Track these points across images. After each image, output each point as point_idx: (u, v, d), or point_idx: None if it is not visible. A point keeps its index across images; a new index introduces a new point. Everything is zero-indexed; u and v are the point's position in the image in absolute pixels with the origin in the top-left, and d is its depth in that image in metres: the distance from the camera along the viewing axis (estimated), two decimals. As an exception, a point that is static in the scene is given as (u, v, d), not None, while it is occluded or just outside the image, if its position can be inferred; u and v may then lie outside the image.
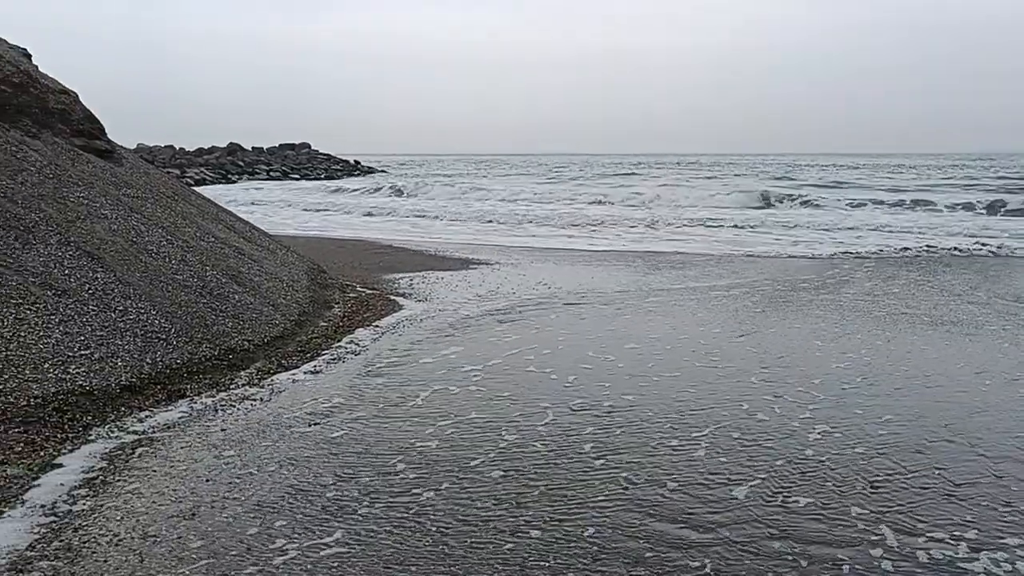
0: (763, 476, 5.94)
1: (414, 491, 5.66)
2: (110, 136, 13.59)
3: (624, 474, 5.97)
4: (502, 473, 5.98)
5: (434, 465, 6.14)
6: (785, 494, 5.64)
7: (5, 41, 13.50)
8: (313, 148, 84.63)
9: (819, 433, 6.87)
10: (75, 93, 13.32)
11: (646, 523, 5.19)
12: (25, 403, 6.83)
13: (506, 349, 9.78)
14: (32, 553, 4.70)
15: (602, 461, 6.22)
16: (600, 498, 5.56)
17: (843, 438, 6.75)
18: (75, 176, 11.24)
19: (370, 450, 6.46)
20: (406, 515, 5.28)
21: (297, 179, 65.37)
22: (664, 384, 8.32)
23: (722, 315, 11.88)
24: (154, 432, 6.86)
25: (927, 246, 21.44)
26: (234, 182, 59.20)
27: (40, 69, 13.55)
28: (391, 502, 5.49)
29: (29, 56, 14.18)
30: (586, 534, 5.04)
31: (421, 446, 6.54)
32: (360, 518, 5.24)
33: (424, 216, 32.60)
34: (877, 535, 5.05)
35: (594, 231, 26.57)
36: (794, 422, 7.14)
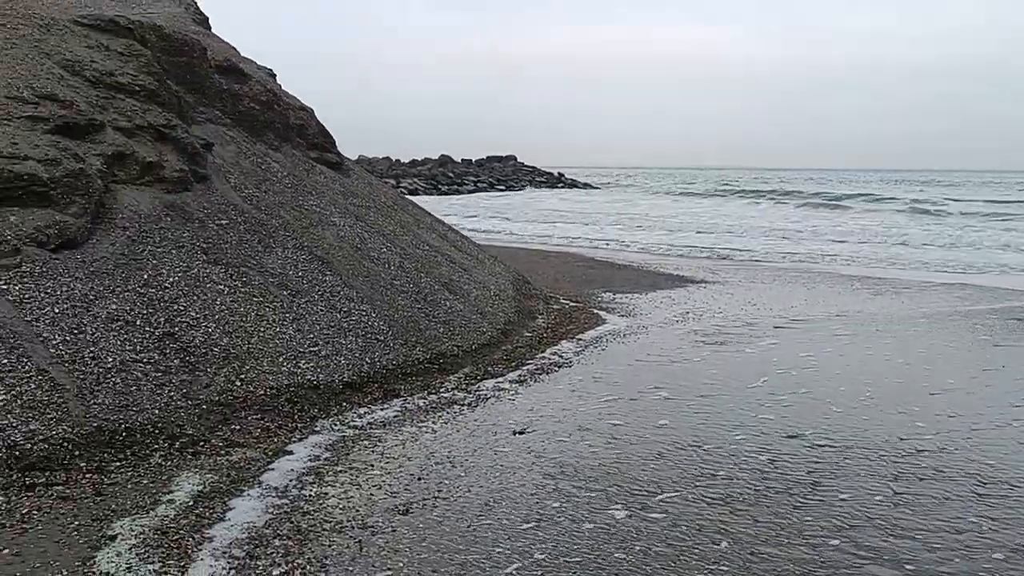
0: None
1: (608, 510, 5.63)
2: (338, 149, 14.65)
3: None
4: (712, 498, 5.82)
5: (635, 484, 6.07)
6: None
7: (254, 62, 14.94)
8: (519, 160, 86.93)
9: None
10: (311, 109, 14.49)
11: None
12: (263, 392, 7.49)
13: (708, 373, 9.52)
14: (267, 531, 5.13)
15: (819, 498, 5.90)
16: (812, 536, 5.27)
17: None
18: (309, 186, 12.21)
19: (570, 463, 6.49)
20: (605, 529, 5.26)
21: (503, 190, 67.40)
22: (880, 423, 7.76)
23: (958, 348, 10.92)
24: (371, 428, 7.29)
25: None
26: (444, 193, 61.96)
27: (282, 87, 14.88)
28: (591, 517, 5.49)
29: (274, 76, 15.60)
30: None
31: (617, 465, 6.49)
32: (561, 531, 5.28)
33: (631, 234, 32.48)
34: None
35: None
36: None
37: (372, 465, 6.37)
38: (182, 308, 7.90)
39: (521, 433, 7.23)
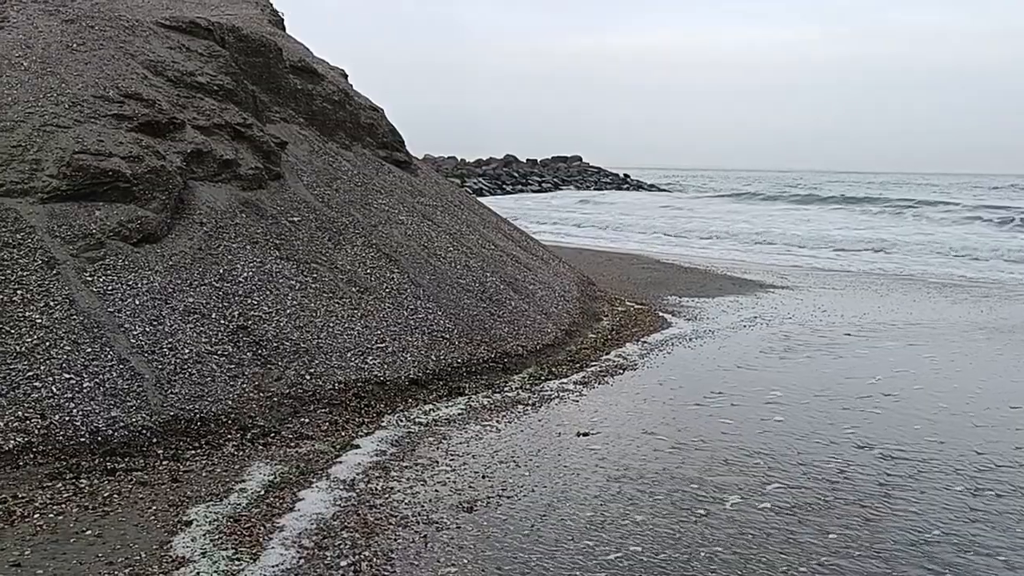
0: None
1: (672, 515, 5.58)
2: (407, 148, 14.81)
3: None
4: (778, 512, 5.72)
5: (700, 489, 6.00)
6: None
7: (327, 62, 15.23)
8: (584, 161, 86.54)
9: None
10: (382, 109, 14.69)
11: None
12: (331, 387, 7.63)
13: (776, 380, 9.35)
14: (335, 523, 5.24)
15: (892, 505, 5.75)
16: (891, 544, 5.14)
17: None
18: (378, 184, 12.39)
19: (634, 467, 6.45)
20: (669, 534, 5.21)
21: (566, 190, 67.27)
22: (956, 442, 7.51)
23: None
24: (436, 425, 7.36)
25: None
26: (508, 193, 62.13)
27: (354, 87, 15.12)
28: (654, 521, 5.45)
29: (346, 76, 15.87)
30: None
31: (682, 469, 6.43)
32: (624, 535, 5.25)
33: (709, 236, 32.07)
34: None
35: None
36: None
37: (437, 462, 6.44)
38: (255, 302, 8.11)
39: (585, 435, 7.21)
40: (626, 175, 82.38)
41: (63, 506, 5.27)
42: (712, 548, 5.07)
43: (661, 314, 13.08)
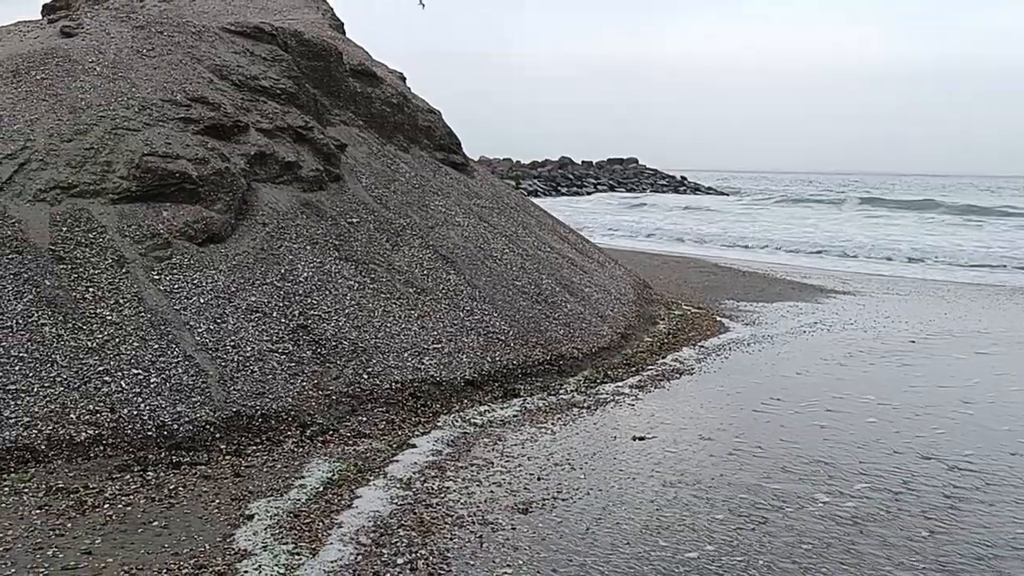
0: None
1: (729, 522, 5.51)
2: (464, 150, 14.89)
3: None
4: (850, 516, 5.61)
5: (758, 496, 5.92)
6: None
7: (385, 65, 15.41)
8: (640, 163, 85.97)
9: None
10: (439, 112, 14.81)
11: None
12: (388, 387, 7.72)
13: (837, 387, 9.15)
14: (392, 521, 5.30)
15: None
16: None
17: None
18: (435, 186, 12.49)
19: (691, 472, 6.39)
20: (727, 541, 5.15)
21: (623, 192, 66.97)
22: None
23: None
24: (492, 426, 7.40)
25: None
26: (563, 195, 62.08)
27: (411, 90, 15.27)
28: (710, 527, 5.38)
29: (404, 79, 16.04)
30: None
31: (739, 476, 6.34)
32: (680, 540, 5.20)
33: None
34: None
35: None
36: None
37: (492, 463, 6.47)
38: (315, 302, 8.25)
39: (641, 439, 7.17)
40: (683, 177, 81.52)
41: (131, 497, 5.44)
42: (770, 556, 5.00)
43: (719, 318, 12.92)
